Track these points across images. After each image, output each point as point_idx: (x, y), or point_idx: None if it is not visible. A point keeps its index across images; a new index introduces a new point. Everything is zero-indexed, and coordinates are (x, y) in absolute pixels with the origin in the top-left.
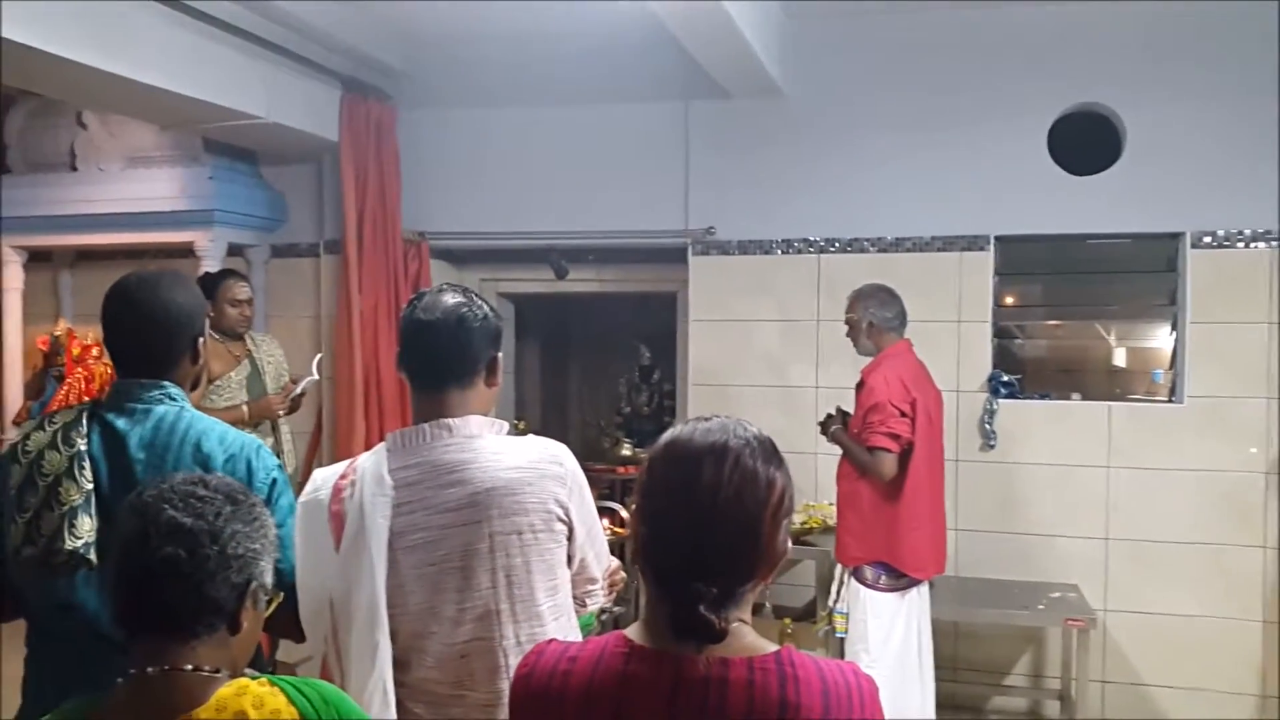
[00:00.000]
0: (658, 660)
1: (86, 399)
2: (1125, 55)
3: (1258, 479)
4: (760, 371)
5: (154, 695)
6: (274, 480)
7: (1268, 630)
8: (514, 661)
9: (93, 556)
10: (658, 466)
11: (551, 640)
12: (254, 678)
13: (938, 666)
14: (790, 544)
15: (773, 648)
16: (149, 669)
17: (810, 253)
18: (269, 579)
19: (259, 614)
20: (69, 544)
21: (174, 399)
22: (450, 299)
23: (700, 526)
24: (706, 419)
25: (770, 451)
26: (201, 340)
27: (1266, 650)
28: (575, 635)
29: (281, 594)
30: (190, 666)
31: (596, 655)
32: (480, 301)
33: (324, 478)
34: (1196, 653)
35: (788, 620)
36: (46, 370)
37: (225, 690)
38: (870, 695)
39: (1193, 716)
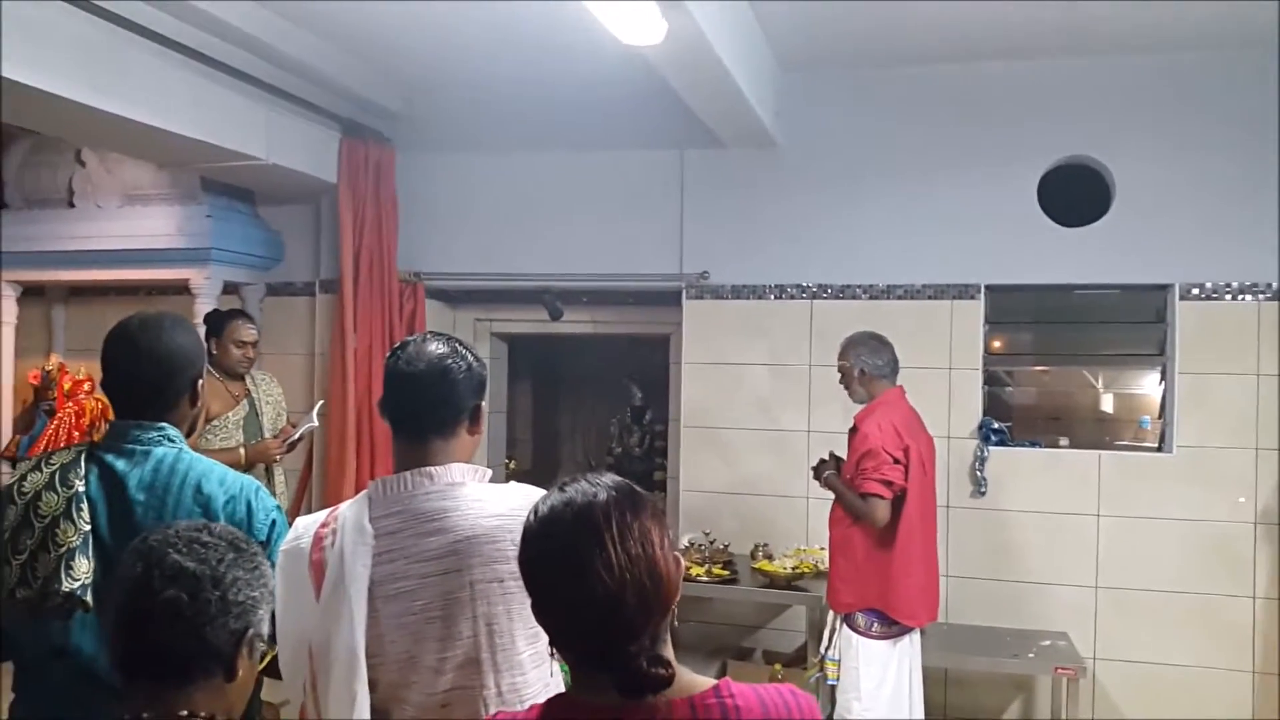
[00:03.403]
0: (600, 715)
1: (76, 434)
2: (1115, 109)
3: (1246, 529)
4: (752, 414)
5: None
6: (274, 521)
7: (1257, 681)
8: (495, 709)
9: (89, 599)
10: (542, 558)
11: (498, 712)
12: None
13: (927, 714)
14: (683, 562)
15: (710, 683)
16: (145, 714)
17: (803, 298)
18: (266, 629)
19: (254, 664)
20: (66, 586)
21: (173, 440)
22: (434, 349)
23: (612, 599)
24: (562, 490)
25: (629, 491)
26: (201, 382)
27: (1255, 701)
28: (557, 683)
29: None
30: (185, 712)
31: None
32: (464, 350)
33: (305, 525)
34: (1186, 703)
35: (778, 666)
36: (37, 404)
37: None
38: (810, 711)
39: None
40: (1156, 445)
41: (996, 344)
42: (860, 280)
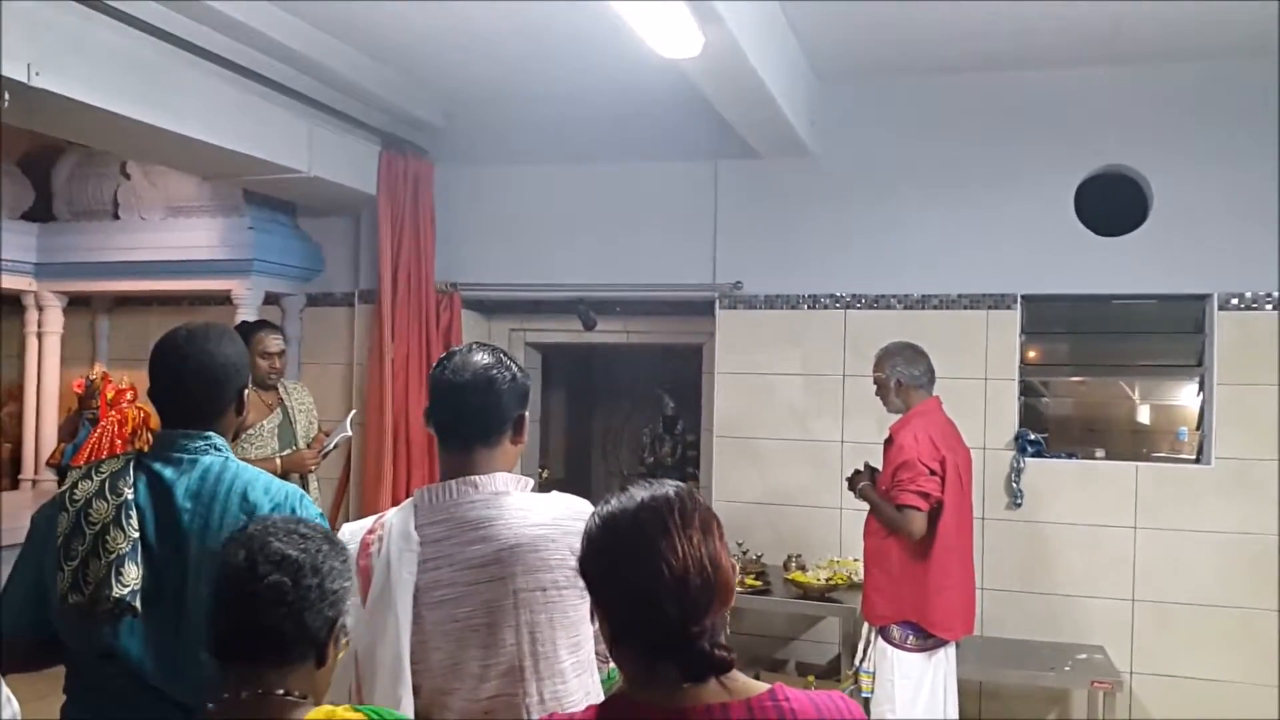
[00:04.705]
0: (657, 715)
1: (119, 442)
2: (1152, 118)
3: None
4: (785, 425)
5: (247, 717)
6: None
7: None
8: (536, 716)
9: (138, 604)
10: (608, 549)
11: (553, 715)
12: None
13: None
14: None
15: (765, 687)
16: (243, 693)
17: (836, 308)
18: (350, 620)
19: (338, 653)
20: (116, 591)
21: (219, 449)
22: (480, 359)
23: (678, 580)
24: (624, 490)
25: (689, 491)
26: (246, 392)
27: None
28: (597, 691)
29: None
30: (281, 691)
31: None
32: (509, 361)
33: (352, 532)
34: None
35: (811, 678)
36: (80, 413)
37: (314, 714)
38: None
39: None
40: (1194, 457)
41: (1032, 354)
42: (895, 290)
